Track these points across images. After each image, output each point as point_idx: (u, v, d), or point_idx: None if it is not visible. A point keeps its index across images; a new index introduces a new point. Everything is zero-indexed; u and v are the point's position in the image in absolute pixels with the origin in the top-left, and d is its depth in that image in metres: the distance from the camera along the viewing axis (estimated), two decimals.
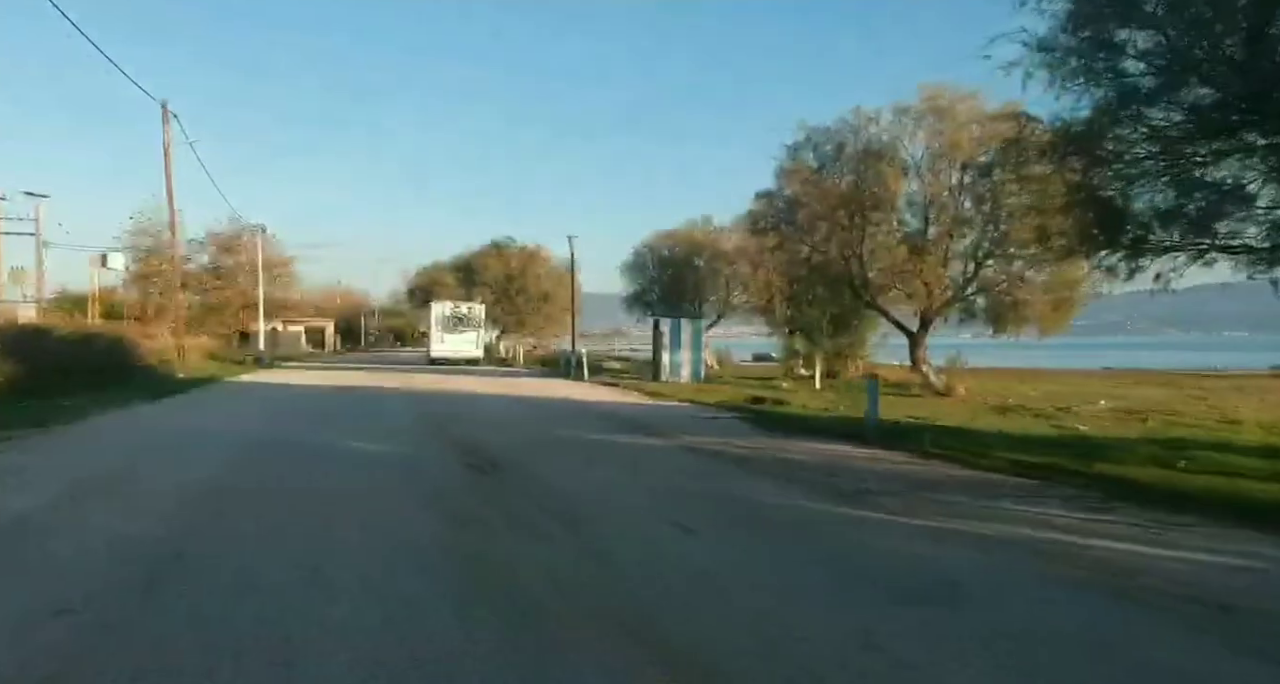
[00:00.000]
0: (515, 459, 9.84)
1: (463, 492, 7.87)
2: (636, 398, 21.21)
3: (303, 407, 17.43)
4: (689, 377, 30.01)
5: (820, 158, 24.15)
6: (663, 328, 30.25)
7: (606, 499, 7.57)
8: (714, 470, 9.31)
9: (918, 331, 23.39)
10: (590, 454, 10.48)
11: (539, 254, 66.03)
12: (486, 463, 9.58)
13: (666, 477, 8.86)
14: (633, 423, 14.46)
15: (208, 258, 69.60)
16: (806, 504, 7.54)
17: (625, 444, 11.59)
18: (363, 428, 13.11)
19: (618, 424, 14.33)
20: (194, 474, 8.50)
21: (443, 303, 44.41)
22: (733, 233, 44.59)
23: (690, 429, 13.38)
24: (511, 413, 16.69)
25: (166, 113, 31.11)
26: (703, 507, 7.22)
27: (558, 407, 18.44)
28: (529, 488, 8.06)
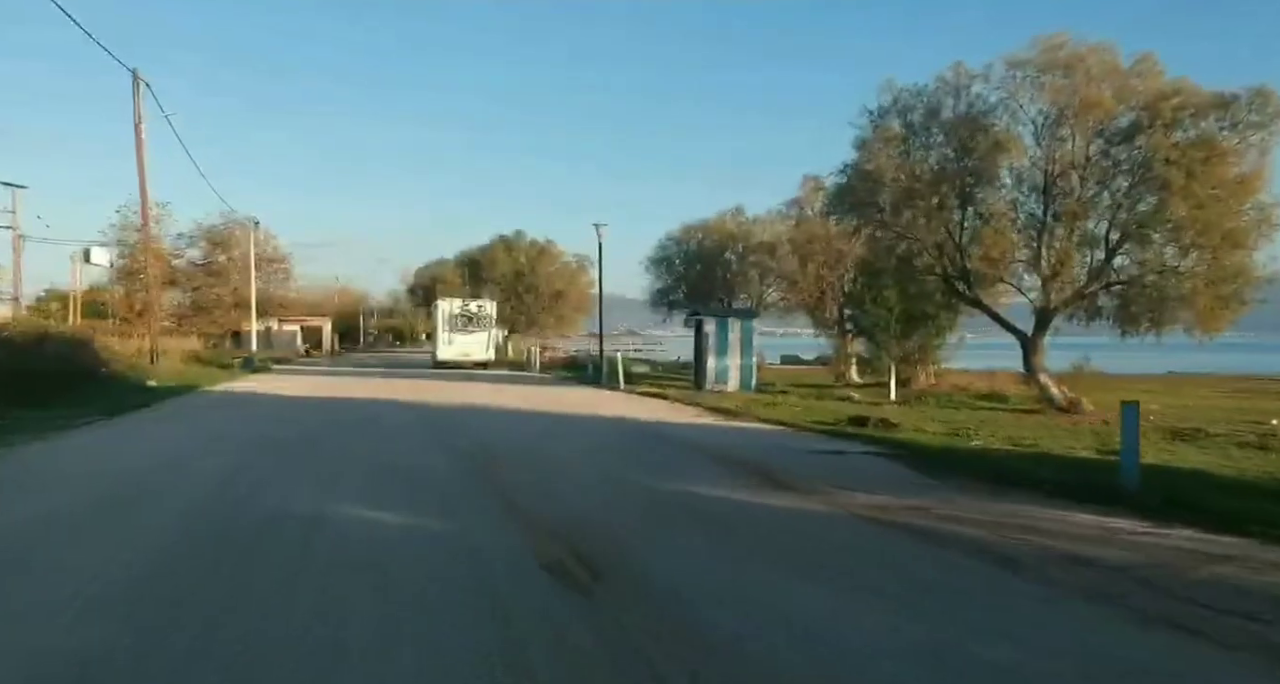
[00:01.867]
0: (619, 550, 5.87)
1: (557, 645, 3.94)
2: (699, 415, 17.22)
3: (285, 434, 13.46)
4: (737, 384, 26.05)
5: (911, 124, 20.15)
6: (707, 328, 26.27)
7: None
8: (979, 590, 5.23)
9: (1033, 333, 19.38)
10: (727, 537, 6.49)
11: (550, 249, 62.10)
12: (575, 558, 5.63)
13: (912, 611, 4.82)
14: (738, 463, 10.46)
15: (199, 253, 66.07)
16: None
17: (764, 512, 7.59)
18: (366, 473, 9.14)
19: (718, 464, 10.35)
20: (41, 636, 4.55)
21: (450, 300, 40.44)
22: (771, 223, 40.70)
23: (827, 475, 9.41)
24: (563, 442, 12.69)
25: (138, 82, 27.14)
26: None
27: (614, 431, 14.46)
28: (675, 636, 4.12)
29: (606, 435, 13.75)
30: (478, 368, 39.43)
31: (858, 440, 13.08)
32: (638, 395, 23.27)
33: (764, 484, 8.86)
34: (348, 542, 6.12)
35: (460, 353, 39.09)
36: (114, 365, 26.32)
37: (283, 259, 71.30)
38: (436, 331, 39.59)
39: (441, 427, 14.36)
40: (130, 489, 8.26)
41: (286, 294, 77.61)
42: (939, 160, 20.09)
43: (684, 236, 43.72)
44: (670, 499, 7.97)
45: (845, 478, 9.28)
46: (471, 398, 21.46)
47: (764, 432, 14.44)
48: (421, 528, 6.65)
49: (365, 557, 5.70)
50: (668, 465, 10.29)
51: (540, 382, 30.37)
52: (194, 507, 7.34)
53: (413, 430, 13.78)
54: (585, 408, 18.57)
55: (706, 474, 9.54)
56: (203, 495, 7.89)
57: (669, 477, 9.24)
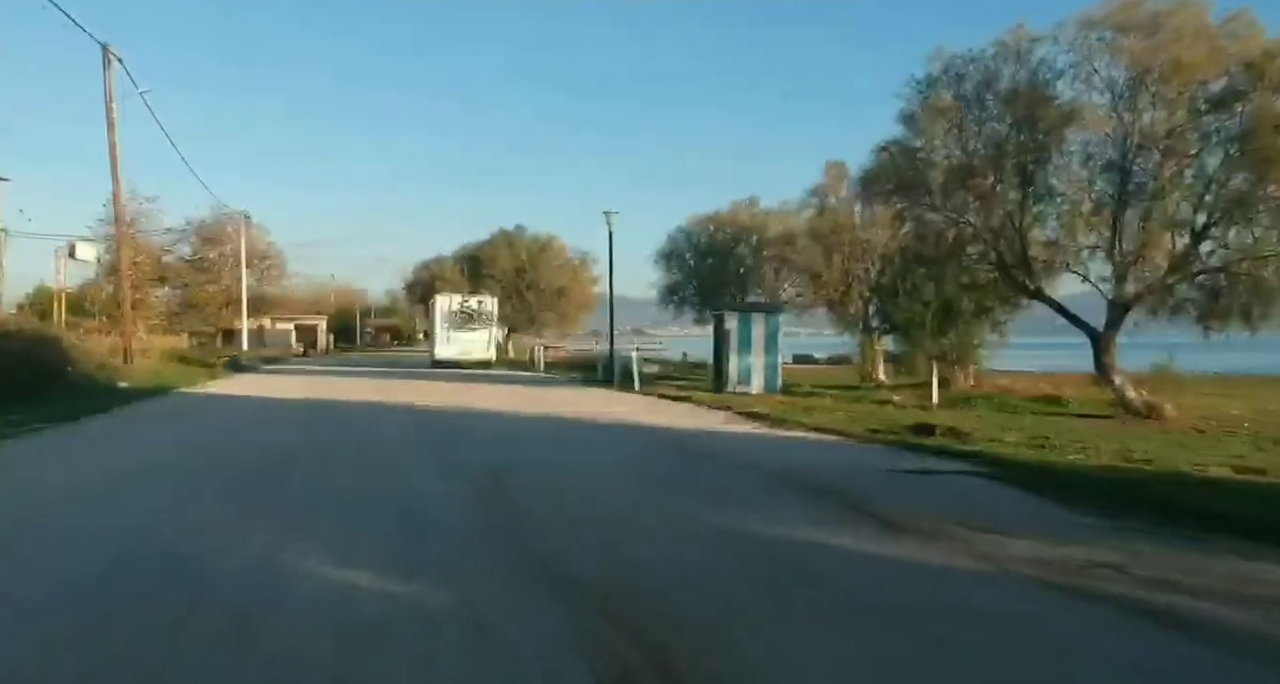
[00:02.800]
0: (717, 650, 3.72)
1: None
2: (735, 421, 15.04)
3: (257, 443, 11.29)
4: (761, 385, 23.92)
5: (964, 95, 18.02)
6: (729, 324, 24.14)
7: None
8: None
9: (1105, 329, 17.24)
10: (869, 624, 4.36)
11: (552, 245, 60.00)
12: (650, 663, 3.53)
13: None
14: (813, 488, 8.29)
15: (190, 249, 64.08)
16: None
17: (895, 571, 5.43)
18: (341, 512, 6.98)
19: (789, 489, 8.17)
20: None
21: (449, 296, 38.28)
22: (787, 215, 38.56)
23: (932, 505, 7.28)
24: (591, 460, 10.50)
25: (108, 57, 24.95)
26: None
27: (647, 442, 12.31)
28: None
29: (640, 449, 11.61)
30: (478, 367, 37.31)
31: (933, 454, 10.95)
32: (657, 398, 21.13)
33: (861, 520, 6.70)
34: (299, 632, 3.97)
35: (460, 352, 36.95)
36: (83, 365, 24.22)
37: (275, 255, 69.36)
38: (434, 329, 37.44)
39: (441, 439, 12.18)
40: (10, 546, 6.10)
41: (280, 292, 75.70)
42: (996, 135, 17.96)
43: (694, 229, 41.58)
44: (756, 548, 5.80)
45: (957, 509, 7.14)
46: (474, 401, 19.32)
47: (819, 443, 12.28)
48: (414, 603, 4.50)
49: (325, 663, 3.56)
50: (729, 492, 8.12)
51: (547, 382, 28.23)
52: (122, 546, 5.20)
53: (406, 445, 11.60)
54: (604, 413, 16.42)
55: (782, 505, 7.38)
56: (147, 515, 5.76)
57: (738, 509, 7.08)
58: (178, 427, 14.11)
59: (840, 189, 30.17)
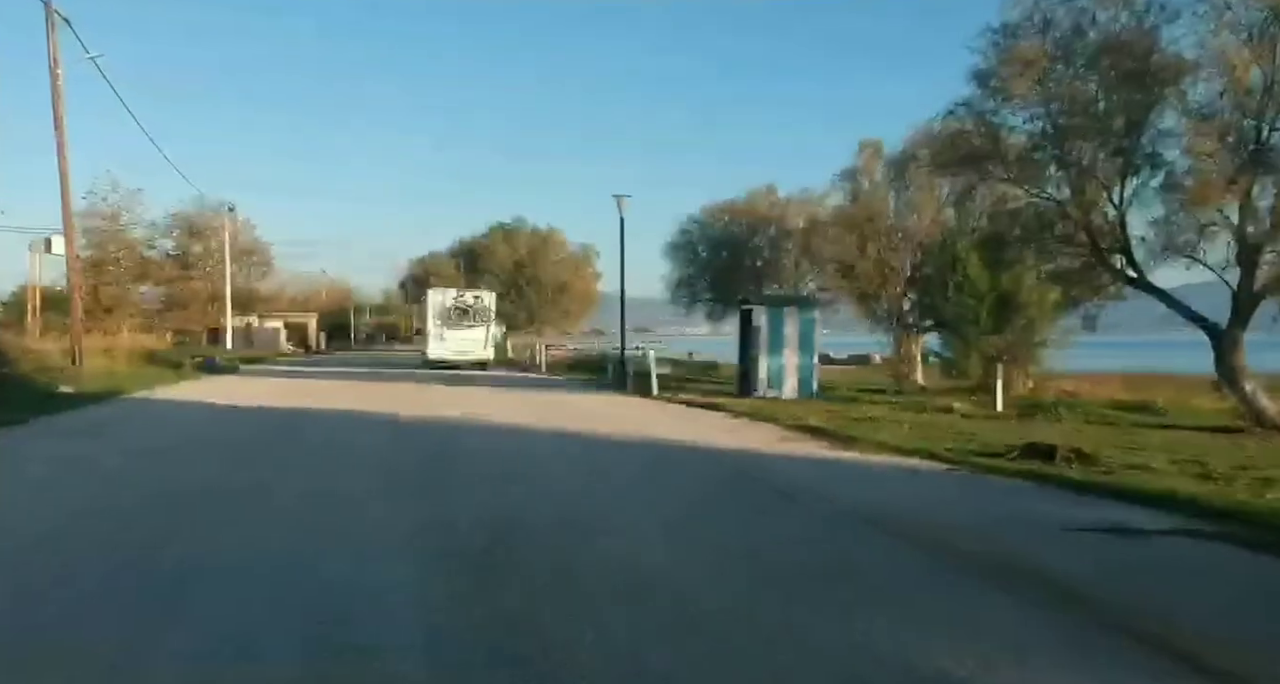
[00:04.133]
0: None
1: None
2: (789, 439, 12.06)
3: (158, 482, 8.28)
4: (795, 389, 21.04)
5: (1052, 46, 15.09)
6: (758, 320, 21.22)
7: None
8: None
9: (1230, 325, 14.31)
10: None
11: (553, 238, 57.11)
12: None
13: None
14: (1002, 572, 5.26)
15: (173, 244, 61.17)
16: None
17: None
18: (261, 615, 4.05)
19: (970, 577, 5.15)
20: None
21: (442, 290, 35.28)
22: (808, 203, 35.65)
23: (1248, 619, 4.39)
24: (630, 504, 7.52)
25: (51, 17, 21.91)
26: None
27: (699, 476, 9.30)
28: None
29: (695, 486, 8.60)
30: (474, 368, 34.36)
31: (1082, 489, 8.06)
32: (683, 406, 18.20)
33: (1149, 656, 3.78)
34: None
35: (454, 351, 33.96)
36: (21, 367, 21.31)
37: (262, 250, 66.45)
38: (427, 326, 34.47)
39: (423, 475, 9.17)
40: None
41: (268, 288, 72.75)
42: (1090, 92, 15.05)
43: (708, 218, 38.61)
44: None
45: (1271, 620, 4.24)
46: (470, 410, 16.37)
47: (919, 473, 9.34)
48: None
49: None
50: (869, 577, 5.10)
51: (552, 386, 25.27)
52: None
53: (373, 487, 8.44)
54: (626, 425, 13.48)
55: (975, 612, 4.41)
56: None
57: (912, 625, 4.13)
58: (74, 451, 11.06)
59: (875, 170, 27.24)
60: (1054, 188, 15.48)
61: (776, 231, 36.54)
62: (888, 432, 12.93)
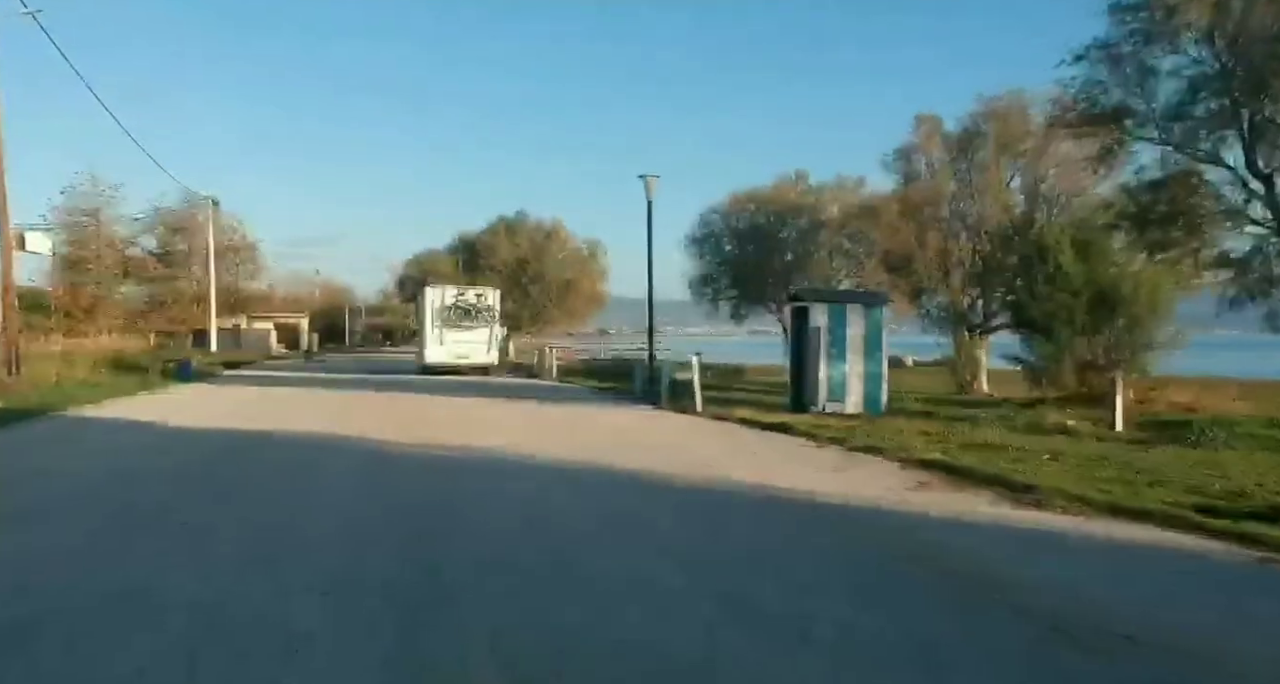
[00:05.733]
0: None
1: None
2: (925, 486, 8.65)
3: (25, 573, 4.95)
4: (860, 403, 17.69)
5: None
6: (816, 320, 17.81)
7: None
8: None
9: None
10: None
11: (558, 233, 53.58)
12: None
13: None
14: None
15: (155, 241, 57.86)
16: None
17: None
18: None
19: None
20: None
21: (440, 289, 31.86)
22: (843, 191, 32.31)
23: None
24: (771, 639, 4.22)
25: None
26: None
27: (831, 557, 5.83)
28: None
29: (851, 597, 5.15)
30: (476, 373, 30.99)
31: None
32: (736, 424, 14.81)
33: None
34: None
35: (454, 354, 30.59)
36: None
37: (250, 247, 63.14)
38: (424, 328, 31.08)
39: (413, 559, 5.80)
40: None
41: (257, 288, 69.39)
42: (1268, 24, 11.70)
43: (733, 209, 35.23)
44: None
45: None
46: (473, 433, 12.98)
47: (1165, 552, 5.99)
48: None
49: None
50: None
51: (569, 396, 21.83)
52: None
53: (335, 575, 5.21)
54: (684, 459, 10.10)
55: None
56: None
57: None
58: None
59: (933, 148, 23.87)
60: (1221, 148, 12.15)
61: (809, 222, 33.20)
62: (1040, 468, 9.59)
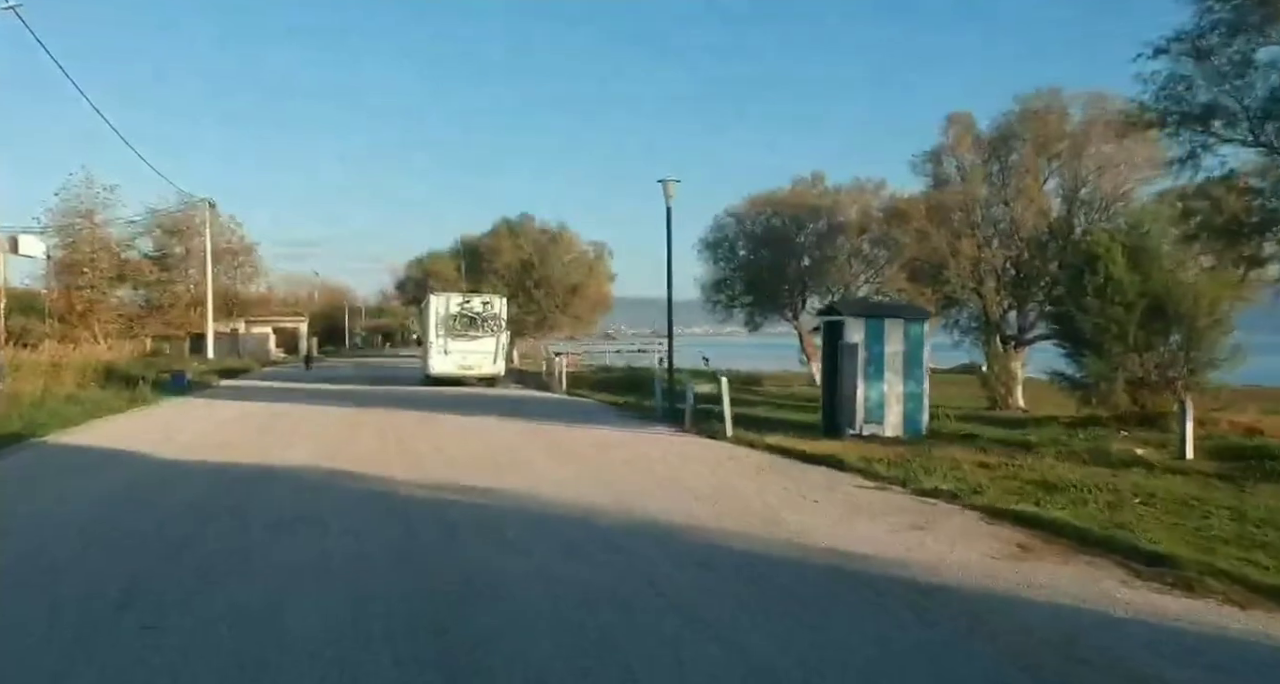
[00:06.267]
0: None
1: None
2: (1027, 551, 7.24)
3: None
4: (899, 425, 16.43)
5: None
6: (852, 335, 16.49)
7: None
8: None
9: None
10: None
11: (563, 236, 52.33)
12: None
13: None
14: None
15: (151, 244, 56.57)
16: None
17: None
18: None
19: None
20: None
21: (446, 296, 30.56)
22: (862, 193, 30.98)
23: None
24: None
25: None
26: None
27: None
28: None
29: None
30: (482, 384, 29.74)
31: None
32: (773, 455, 13.46)
33: None
34: None
35: (460, 365, 29.30)
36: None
37: (248, 250, 61.87)
38: (429, 337, 29.78)
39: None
40: None
41: (256, 291, 68.15)
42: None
43: (748, 212, 33.89)
44: None
45: None
46: (493, 468, 11.66)
47: None
48: None
49: None
50: None
51: (584, 415, 20.45)
52: None
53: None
54: (732, 507, 8.73)
55: None
56: None
57: None
58: None
59: (966, 149, 22.54)
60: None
61: (827, 226, 31.88)
62: (1141, 521, 8.28)
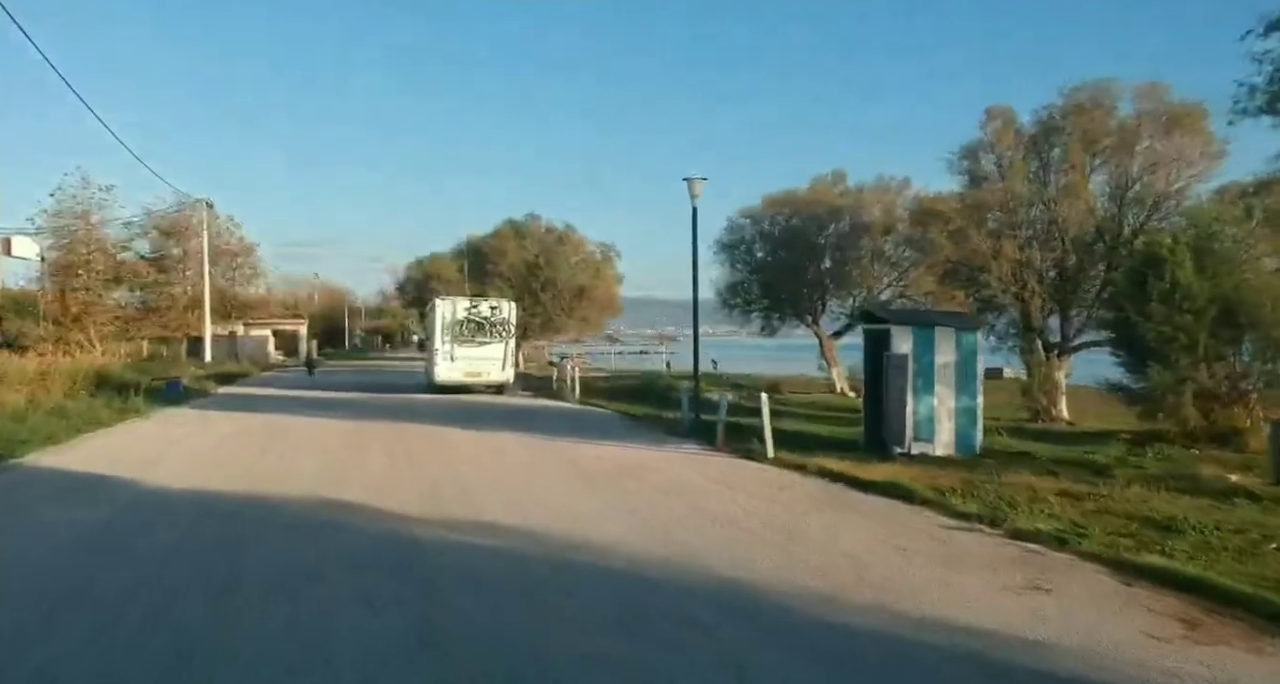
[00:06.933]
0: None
1: None
2: (1193, 630, 5.98)
3: None
4: (952, 442, 15.14)
5: None
6: (899, 345, 15.16)
7: None
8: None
9: None
10: None
11: (570, 236, 50.94)
12: None
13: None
14: None
15: (148, 245, 55.18)
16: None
17: None
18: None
19: None
20: None
21: (452, 300, 29.17)
22: (886, 192, 29.60)
23: None
24: None
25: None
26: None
27: None
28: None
29: None
30: (490, 391, 28.43)
31: None
32: (840, 485, 12.08)
33: None
34: None
35: (467, 372, 27.96)
36: None
37: (248, 251, 60.53)
38: (434, 342, 28.41)
39: None
40: None
41: (255, 293, 66.81)
42: None
43: (765, 212, 32.52)
44: None
45: None
46: (517, 499, 10.30)
47: None
48: None
49: None
50: None
51: (602, 429, 19.03)
52: None
53: None
54: (818, 564, 7.36)
55: None
56: None
57: None
58: None
59: (1007, 144, 21.16)
60: None
61: (850, 226, 30.52)
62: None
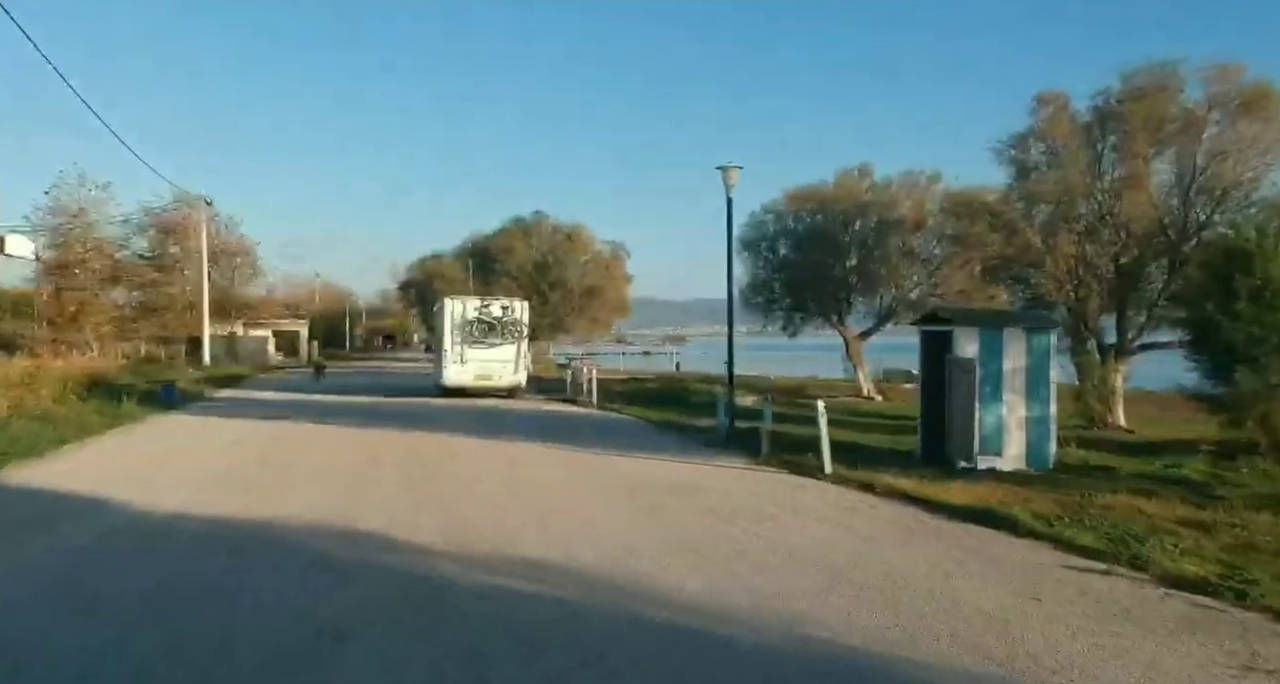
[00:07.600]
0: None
1: None
2: None
3: None
4: (1023, 456, 13.75)
5: None
6: (964, 348, 13.70)
7: None
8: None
9: None
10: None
11: (579, 235, 49.55)
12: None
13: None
14: None
15: (146, 244, 54.06)
16: None
17: None
18: None
19: None
20: None
21: (462, 300, 27.73)
22: (915, 187, 28.18)
23: None
24: None
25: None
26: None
27: None
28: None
29: None
30: (501, 396, 27.04)
31: None
32: (922, 510, 10.63)
33: None
34: None
35: (477, 375, 26.55)
36: None
37: (247, 250, 59.31)
38: (443, 344, 26.99)
39: None
40: None
41: (255, 293, 65.52)
42: None
43: (789, 208, 31.09)
44: None
45: None
46: (550, 527, 8.87)
47: None
48: None
49: None
50: None
51: (630, 440, 17.53)
52: None
53: None
54: (952, 629, 5.96)
55: None
56: None
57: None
58: None
59: (1061, 133, 19.71)
60: None
61: (878, 222, 29.11)
62: None
